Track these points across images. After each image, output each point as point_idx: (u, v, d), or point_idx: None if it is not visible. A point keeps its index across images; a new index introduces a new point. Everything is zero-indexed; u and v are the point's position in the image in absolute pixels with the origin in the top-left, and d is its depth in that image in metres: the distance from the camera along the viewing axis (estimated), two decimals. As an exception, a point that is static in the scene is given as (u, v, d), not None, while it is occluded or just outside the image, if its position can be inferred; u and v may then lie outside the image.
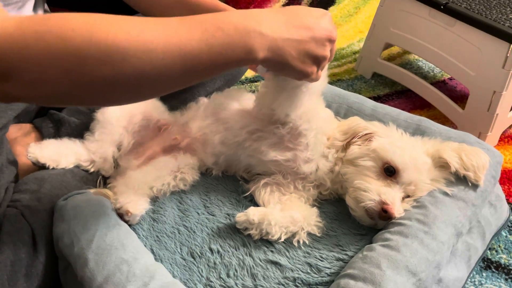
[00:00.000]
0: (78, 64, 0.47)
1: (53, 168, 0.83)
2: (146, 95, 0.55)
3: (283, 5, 1.90)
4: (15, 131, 0.90)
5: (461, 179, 0.76)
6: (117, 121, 0.86)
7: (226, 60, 0.53)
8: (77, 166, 0.85)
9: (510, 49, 1.11)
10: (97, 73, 0.48)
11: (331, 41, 0.60)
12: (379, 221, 0.72)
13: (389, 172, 0.73)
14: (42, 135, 0.91)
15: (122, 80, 0.49)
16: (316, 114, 0.78)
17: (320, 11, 0.61)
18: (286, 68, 0.59)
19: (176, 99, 1.00)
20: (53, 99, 0.51)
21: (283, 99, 0.73)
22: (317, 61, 0.60)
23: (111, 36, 0.48)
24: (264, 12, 0.57)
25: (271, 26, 0.55)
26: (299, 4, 1.91)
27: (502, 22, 1.12)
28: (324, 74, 0.73)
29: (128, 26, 0.49)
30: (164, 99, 0.94)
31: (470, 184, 0.75)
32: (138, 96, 0.55)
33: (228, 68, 0.55)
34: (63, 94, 0.49)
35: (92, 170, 0.85)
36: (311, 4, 1.90)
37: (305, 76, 0.62)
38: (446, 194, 0.74)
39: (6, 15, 0.49)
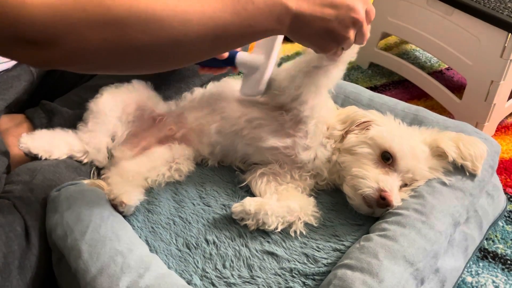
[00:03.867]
0: (118, 33, 0.49)
1: (45, 159, 0.82)
2: (177, 64, 0.58)
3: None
4: (6, 121, 0.89)
5: (458, 169, 0.75)
6: (110, 111, 0.85)
7: (253, 32, 0.56)
8: (70, 157, 0.84)
9: (508, 38, 1.10)
10: (135, 42, 0.50)
11: (356, 24, 0.60)
12: (377, 209, 0.71)
13: (386, 159, 0.73)
14: (34, 126, 0.90)
15: (158, 49, 0.52)
16: (320, 102, 0.78)
17: None
18: (305, 41, 0.62)
19: (171, 89, 0.99)
20: (91, 66, 0.53)
21: (298, 79, 0.74)
22: (337, 40, 0.61)
23: (150, 6, 0.49)
24: None
25: (297, 1, 0.57)
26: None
27: (500, 11, 1.11)
28: (344, 60, 0.73)
29: None
30: (159, 89, 0.93)
31: (467, 173, 0.75)
32: (170, 65, 0.57)
33: (253, 40, 0.58)
34: (102, 61, 0.51)
35: (85, 161, 0.84)
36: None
37: (322, 51, 0.64)
38: (443, 183, 0.74)
39: None
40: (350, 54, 0.72)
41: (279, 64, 0.80)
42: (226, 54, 0.73)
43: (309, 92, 0.75)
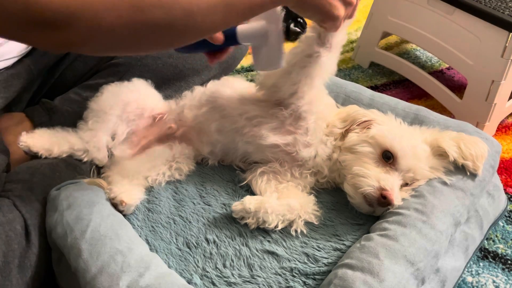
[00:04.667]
0: (132, 9, 0.49)
1: (45, 158, 0.81)
2: (191, 38, 0.57)
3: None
4: (6, 120, 0.89)
5: (459, 169, 0.75)
6: (110, 109, 0.85)
7: (262, 1, 0.57)
8: (70, 156, 0.83)
9: (509, 38, 1.10)
10: (150, 17, 0.50)
11: None
12: (378, 208, 0.71)
13: (387, 158, 0.73)
14: (34, 124, 0.90)
15: (172, 23, 0.52)
16: (318, 98, 0.78)
17: None
18: (313, 6, 0.61)
19: (171, 88, 0.99)
20: (106, 45, 0.52)
21: (294, 74, 0.74)
22: (345, 3, 0.62)
23: None
24: None
25: None
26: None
27: (501, 10, 1.10)
28: (335, 45, 0.74)
29: None
30: (159, 88, 0.93)
31: (468, 173, 0.75)
32: (184, 39, 0.57)
33: (261, 10, 0.59)
34: (117, 39, 0.51)
35: (85, 159, 0.84)
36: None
37: (332, 20, 0.63)
38: (444, 183, 0.74)
39: None
40: (340, 36, 0.72)
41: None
42: (221, 36, 0.68)
43: (304, 85, 0.75)
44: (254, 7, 0.57)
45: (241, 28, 0.68)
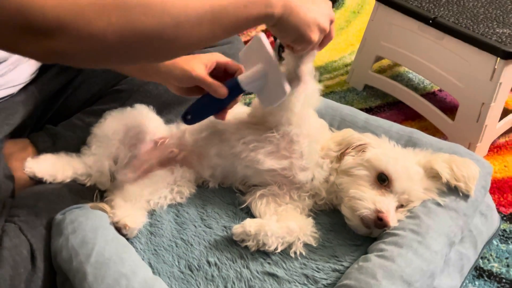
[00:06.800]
0: (123, 16, 0.50)
1: (50, 183, 0.83)
2: (181, 49, 0.58)
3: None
4: (11, 146, 0.90)
5: (452, 190, 0.77)
6: (113, 134, 0.87)
7: (247, 15, 0.59)
8: (74, 180, 0.85)
9: (497, 62, 1.14)
10: (139, 25, 0.51)
11: (332, 21, 0.67)
12: (375, 230, 0.73)
13: (382, 180, 0.75)
14: (38, 150, 0.91)
15: (162, 32, 0.53)
16: (307, 121, 0.81)
17: None
18: (293, 29, 0.64)
19: (172, 113, 1.01)
20: (96, 54, 0.52)
21: (278, 108, 0.76)
22: (321, 31, 0.66)
23: None
24: None
25: None
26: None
27: (489, 36, 1.15)
28: (316, 87, 0.78)
29: None
30: (160, 113, 0.95)
31: (461, 194, 0.77)
32: (174, 50, 0.58)
33: (247, 25, 0.60)
34: (107, 48, 0.51)
35: (88, 184, 0.85)
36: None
37: (307, 42, 0.66)
38: (438, 204, 0.76)
39: None
40: (308, 67, 0.75)
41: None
42: (225, 89, 0.73)
43: (291, 115, 0.78)
44: (239, 22, 0.59)
45: (242, 76, 0.74)
